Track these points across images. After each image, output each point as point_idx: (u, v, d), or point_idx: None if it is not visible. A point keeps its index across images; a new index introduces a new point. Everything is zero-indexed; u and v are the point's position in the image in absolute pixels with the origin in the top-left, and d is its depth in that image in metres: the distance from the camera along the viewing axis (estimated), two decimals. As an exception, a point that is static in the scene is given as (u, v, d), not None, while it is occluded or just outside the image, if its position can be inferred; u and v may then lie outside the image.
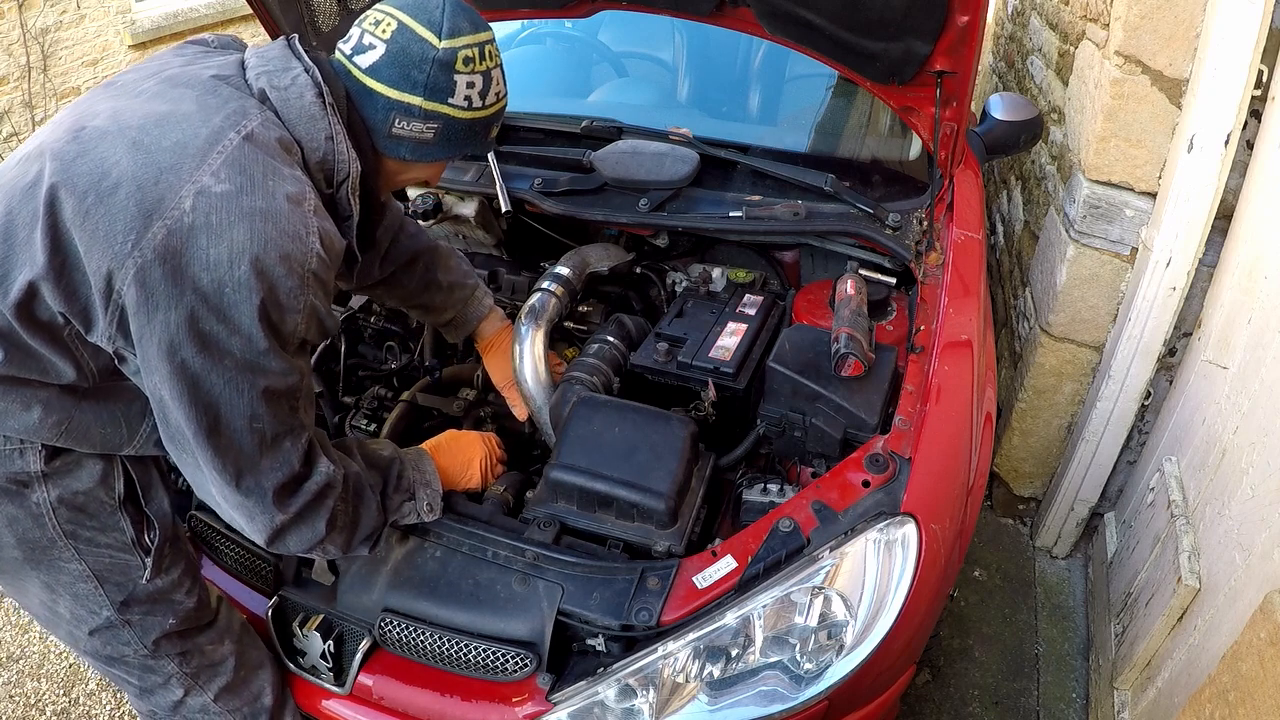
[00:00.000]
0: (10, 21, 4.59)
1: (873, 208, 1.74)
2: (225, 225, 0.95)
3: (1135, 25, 1.76)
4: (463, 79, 1.14)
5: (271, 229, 0.97)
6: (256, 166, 0.99)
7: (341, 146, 1.12)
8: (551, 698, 1.19)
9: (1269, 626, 1.09)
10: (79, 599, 1.17)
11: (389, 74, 1.13)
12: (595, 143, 1.96)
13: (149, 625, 1.21)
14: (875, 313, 1.62)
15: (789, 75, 2.36)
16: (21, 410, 1.06)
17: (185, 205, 0.94)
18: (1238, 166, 1.76)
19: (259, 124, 1.04)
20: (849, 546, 1.19)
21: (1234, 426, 1.62)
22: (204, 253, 0.94)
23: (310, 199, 1.03)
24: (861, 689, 1.22)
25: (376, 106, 1.15)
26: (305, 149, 1.09)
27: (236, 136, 1.00)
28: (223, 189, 0.96)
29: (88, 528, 1.15)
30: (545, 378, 1.61)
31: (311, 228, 1.02)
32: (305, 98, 1.09)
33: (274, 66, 1.11)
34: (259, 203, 0.97)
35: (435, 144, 1.19)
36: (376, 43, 1.13)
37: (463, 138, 1.20)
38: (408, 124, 1.16)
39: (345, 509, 1.15)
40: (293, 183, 1.02)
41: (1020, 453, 2.42)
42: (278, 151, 1.04)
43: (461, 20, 1.14)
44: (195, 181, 0.95)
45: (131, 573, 1.18)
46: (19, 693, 2.11)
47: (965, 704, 2.03)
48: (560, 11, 1.95)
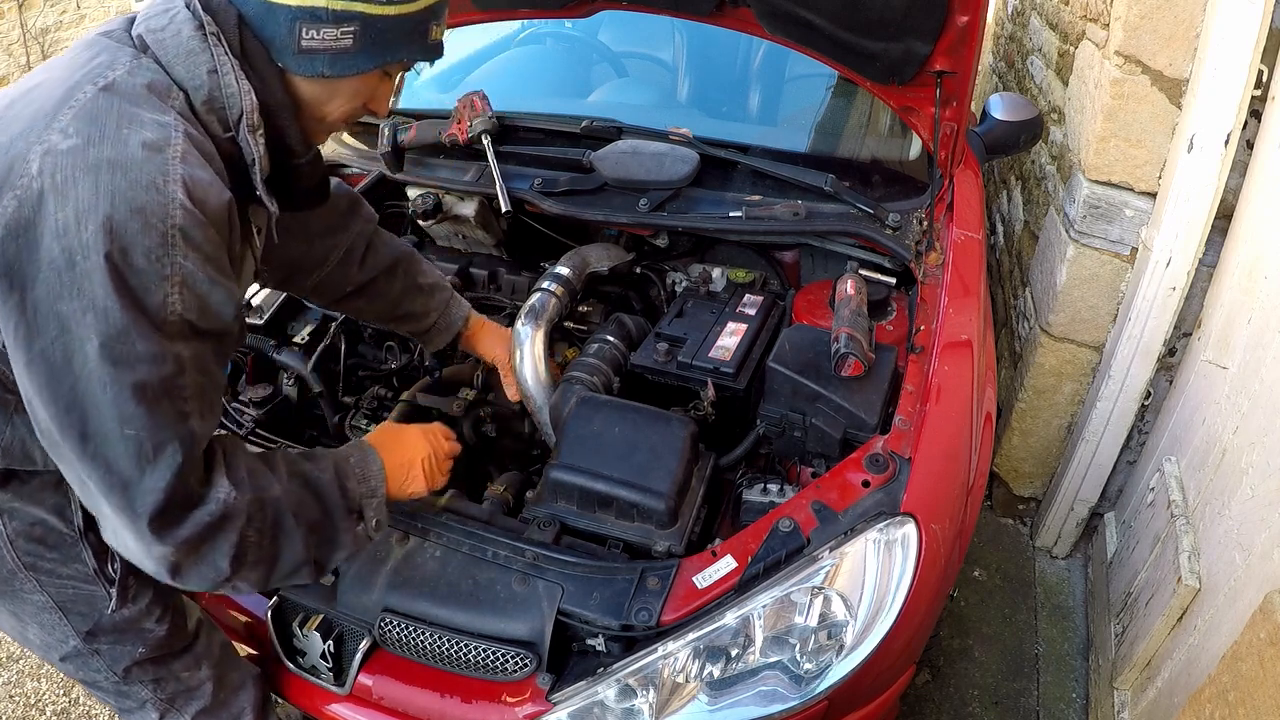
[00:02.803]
0: (10, 21, 4.59)
1: (873, 208, 1.74)
2: (71, 183, 0.84)
3: (1135, 25, 1.76)
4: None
5: (120, 179, 0.85)
6: (110, 115, 0.88)
7: (229, 79, 0.98)
8: (551, 698, 1.19)
9: (1269, 626, 1.09)
10: (45, 628, 1.13)
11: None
12: (595, 143, 1.96)
13: (118, 654, 1.17)
14: (875, 313, 1.62)
15: (789, 75, 2.36)
16: None
17: (32, 169, 0.84)
18: (1238, 166, 1.76)
19: (124, 72, 0.93)
20: (849, 546, 1.19)
21: (1234, 426, 1.62)
22: (53, 219, 0.83)
23: (176, 145, 0.90)
24: (861, 689, 1.22)
25: (279, 20, 0.99)
26: (189, 90, 0.97)
27: (93, 89, 0.90)
28: (69, 144, 0.85)
29: (48, 560, 1.09)
30: (545, 378, 1.61)
31: (172, 175, 0.88)
32: (183, 33, 0.97)
33: (154, 11, 1.00)
34: (106, 152, 0.85)
35: (358, 51, 1.02)
36: None
37: (391, 39, 1.04)
38: (318, 31, 0.99)
39: (258, 542, 0.97)
40: (154, 128, 0.89)
41: (1020, 453, 2.42)
42: (143, 97, 0.92)
43: None
44: (43, 141, 0.85)
45: (97, 603, 1.13)
46: (19, 693, 2.11)
47: (965, 704, 2.03)
48: (560, 11, 1.95)
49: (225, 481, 0.94)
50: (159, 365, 0.87)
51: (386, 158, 1.99)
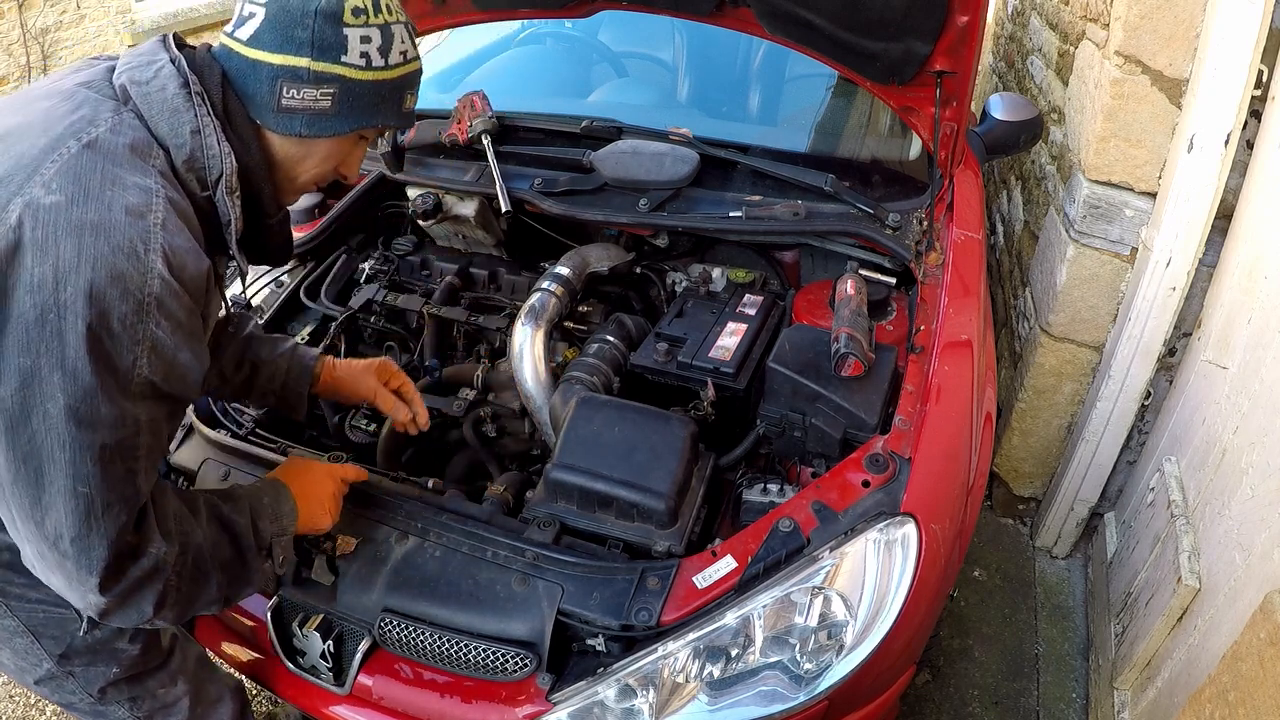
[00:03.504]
0: (10, 21, 4.59)
1: (873, 208, 1.74)
2: (52, 241, 0.83)
3: (1135, 25, 1.76)
4: (355, 33, 1.02)
5: (103, 244, 0.85)
6: (94, 175, 0.88)
7: (211, 140, 0.99)
8: (551, 698, 1.19)
9: (1269, 626, 1.09)
10: (18, 653, 1.13)
11: (270, 38, 1.00)
12: (595, 143, 1.96)
13: (92, 675, 1.16)
14: (875, 313, 1.62)
15: (789, 75, 2.36)
16: None
17: (11, 220, 0.84)
18: (1238, 166, 1.76)
19: (107, 129, 0.93)
20: (849, 546, 1.19)
21: (1234, 426, 1.62)
22: (29, 273, 0.83)
23: (157, 211, 0.91)
24: (861, 689, 1.22)
25: (260, 78, 1.02)
26: (170, 148, 0.98)
27: (76, 144, 0.90)
28: (52, 200, 0.85)
29: (17, 584, 1.08)
30: (545, 378, 1.61)
31: (153, 244, 0.88)
32: (167, 90, 0.98)
33: (139, 62, 1.01)
34: (90, 215, 0.85)
35: (335, 114, 1.05)
36: (255, 9, 1.01)
37: (367, 104, 1.06)
38: (298, 91, 1.02)
39: (178, 585, 0.99)
40: (137, 193, 0.90)
41: (1020, 453, 2.42)
42: (126, 158, 0.92)
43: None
44: (25, 193, 0.85)
45: (68, 626, 1.12)
46: (19, 692, 2.10)
47: (965, 704, 2.03)
48: (560, 11, 1.95)
49: (158, 535, 0.95)
50: (119, 428, 0.88)
51: (386, 157, 1.99)
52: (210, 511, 1.07)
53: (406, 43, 1.09)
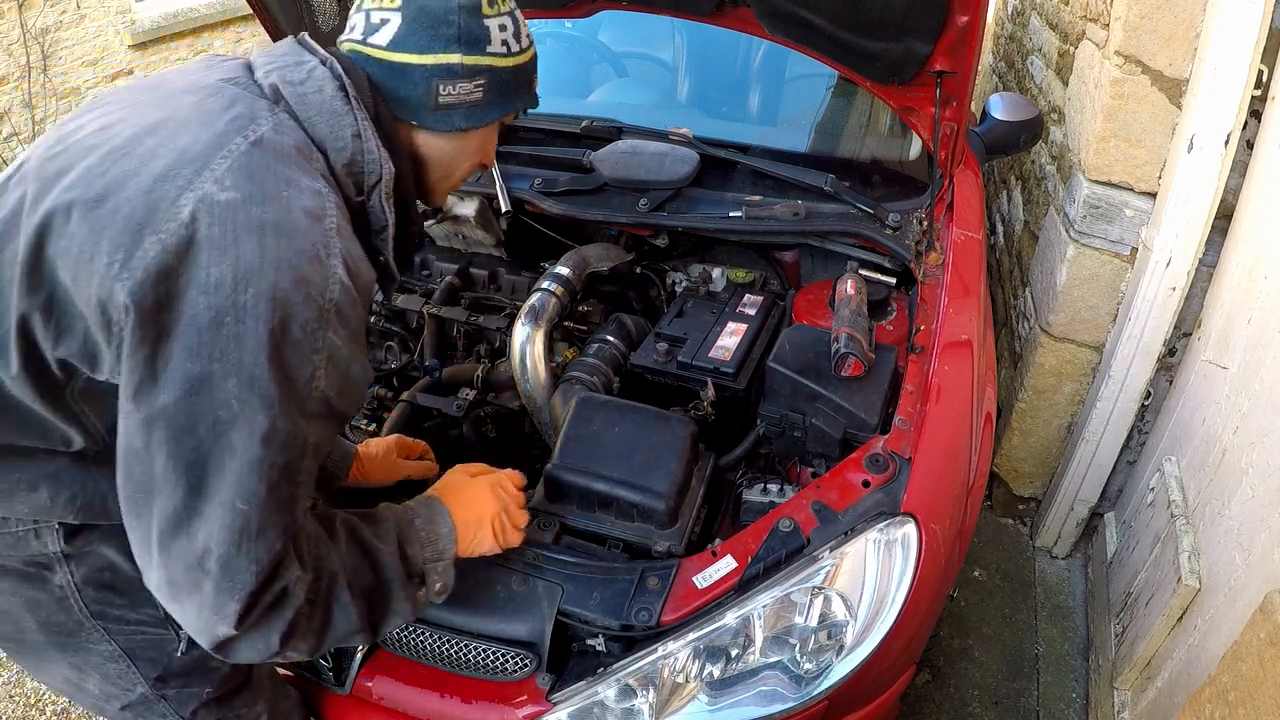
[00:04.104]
0: (10, 21, 4.59)
1: (873, 208, 1.74)
2: (231, 239, 0.80)
3: (1135, 25, 1.76)
4: (494, 22, 1.04)
5: (286, 246, 0.81)
6: (268, 174, 0.85)
7: (371, 144, 0.99)
8: (551, 698, 1.19)
9: (1269, 626, 1.09)
10: (109, 678, 1.07)
11: (416, 40, 1.00)
12: (595, 143, 1.96)
13: (185, 697, 1.11)
14: (875, 313, 1.62)
15: (789, 75, 2.36)
16: (28, 491, 0.93)
17: (183, 215, 0.80)
18: (1238, 166, 1.76)
19: (271, 128, 0.90)
20: (849, 546, 1.19)
21: (1234, 426, 1.62)
22: (204, 272, 0.79)
23: (331, 216, 0.88)
24: (861, 689, 1.22)
25: (414, 80, 1.02)
26: (329, 152, 0.96)
27: (244, 141, 0.87)
28: (228, 197, 0.81)
29: (117, 606, 1.03)
30: (545, 378, 1.61)
31: (333, 249, 0.86)
32: (325, 91, 0.96)
33: (285, 62, 0.99)
34: (270, 214, 0.82)
35: (487, 103, 1.07)
36: (388, 15, 1.01)
37: (511, 89, 1.09)
38: (454, 87, 1.03)
39: (310, 614, 0.92)
40: (311, 194, 0.87)
41: (1020, 453, 2.42)
42: (294, 159, 0.90)
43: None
44: (196, 188, 0.81)
45: (165, 646, 1.08)
46: (19, 693, 2.11)
47: (965, 704, 2.03)
48: (560, 11, 1.95)
49: (294, 560, 0.89)
50: (289, 448, 0.84)
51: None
52: (349, 535, 1.00)
53: (525, 25, 1.11)
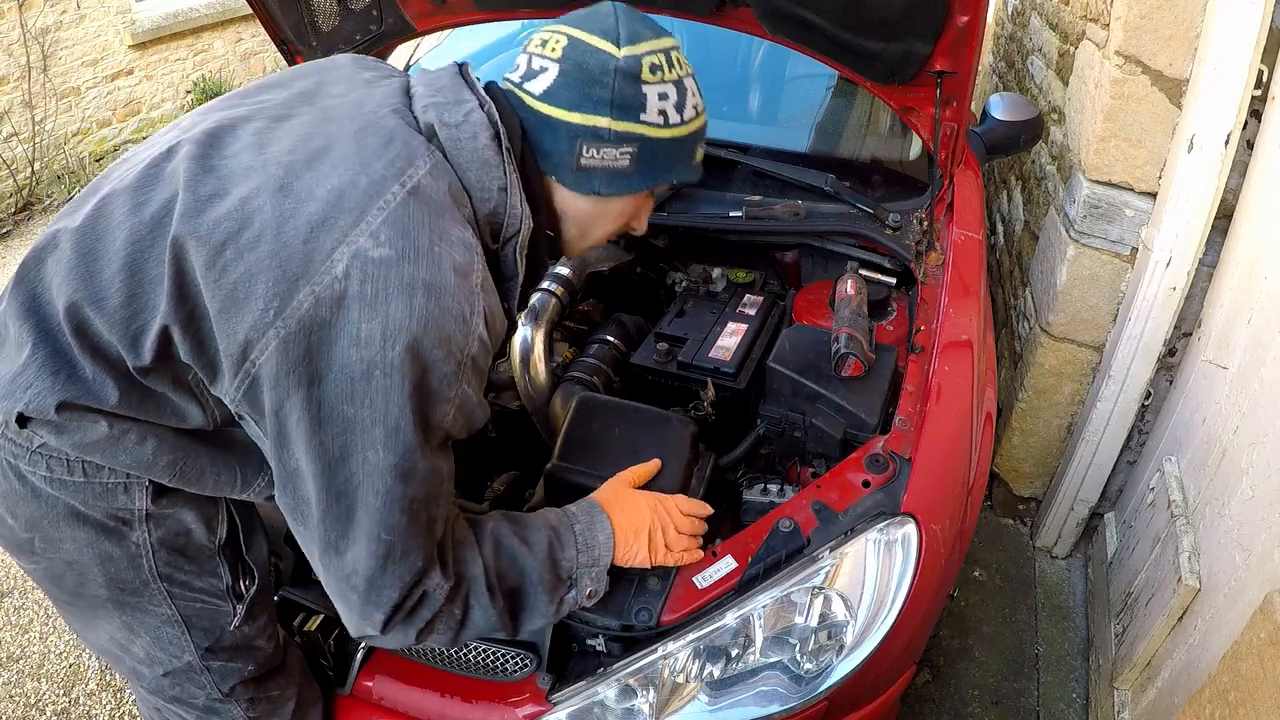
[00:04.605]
0: (10, 21, 4.59)
1: (873, 208, 1.74)
2: (382, 297, 0.82)
3: (1135, 25, 1.76)
4: (653, 90, 1.00)
5: (434, 306, 0.84)
6: (422, 229, 0.86)
7: (515, 200, 0.97)
8: (551, 698, 1.19)
9: (1269, 626, 1.09)
10: (160, 642, 1.09)
11: (568, 95, 0.98)
12: (595, 143, 1.95)
13: (228, 672, 1.13)
14: (875, 313, 1.62)
15: (789, 75, 2.36)
16: (136, 444, 0.95)
17: (338, 270, 0.82)
18: (1238, 166, 1.76)
19: (427, 172, 0.90)
20: (849, 546, 1.18)
21: (1234, 426, 1.62)
22: (355, 326, 0.82)
23: (478, 270, 0.90)
24: (861, 689, 1.22)
25: (559, 136, 0.99)
26: (474, 199, 0.96)
27: (401, 190, 0.87)
28: (381, 254, 0.83)
29: (185, 571, 1.06)
30: (545, 378, 1.61)
31: (477, 306, 0.88)
32: (479, 139, 0.95)
33: (445, 98, 0.97)
34: (422, 273, 0.83)
35: (633, 172, 1.03)
36: (547, 64, 0.99)
37: (664, 161, 1.05)
38: (598, 151, 1.00)
39: (449, 612, 0.97)
40: (461, 249, 0.88)
41: (1020, 453, 2.42)
42: (447, 207, 0.90)
43: (639, 25, 1.01)
44: (351, 242, 0.83)
45: (221, 619, 1.10)
46: (19, 693, 2.11)
47: (965, 704, 2.03)
48: (560, 11, 1.94)
49: (438, 573, 0.94)
50: (429, 482, 0.89)
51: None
52: (496, 541, 1.03)
53: (696, 96, 1.07)
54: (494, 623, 1.01)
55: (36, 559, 1.03)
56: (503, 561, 1.02)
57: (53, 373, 0.90)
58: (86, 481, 0.97)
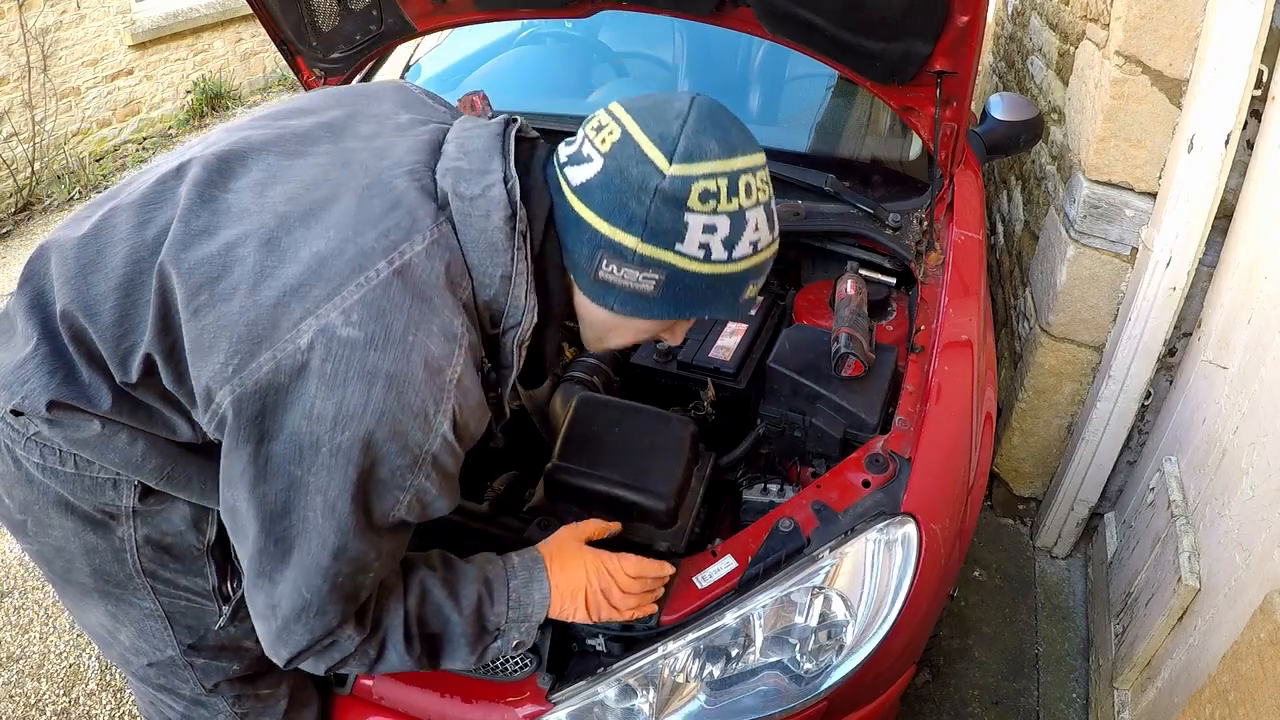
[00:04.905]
0: (10, 21, 4.59)
1: (873, 208, 1.74)
2: (340, 380, 0.79)
3: (1135, 25, 1.76)
4: (698, 220, 0.87)
5: (393, 400, 0.80)
6: (398, 314, 0.80)
7: (519, 293, 0.90)
8: (551, 698, 1.19)
9: (1269, 626, 1.09)
10: (143, 635, 1.09)
11: (600, 199, 0.88)
12: (595, 143, 1.95)
13: (212, 670, 1.13)
14: (875, 313, 1.62)
15: (789, 75, 2.36)
16: (126, 445, 0.95)
17: (302, 341, 0.79)
18: (1238, 166, 1.76)
19: (422, 250, 0.84)
20: (849, 546, 1.18)
21: (1234, 426, 1.62)
22: (310, 400, 0.79)
23: (456, 364, 0.84)
24: (861, 689, 1.22)
25: (582, 239, 0.90)
26: (475, 282, 0.89)
27: (386, 268, 0.81)
28: (349, 334, 0.79)
29: (169, 569, 1.06)
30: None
31: (444, 405, 0.83)
32: (491, 220, 0.87)
33: (470, 164, 0.90)
34: (386, 363, 0.79)
35: (657, 299, 0.92)
36: (594, 154, 0.89)
37: (697, 296, 0.92)
38: (618, 268, 0.89)
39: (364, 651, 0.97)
40: (440, 341, 0.83)
41: (1020, 453, 2.42)
42: (438, 289, 0.84)
43: (706, 139, 0.87)
44: (321, 315, 0.79)
45: (206, 619, 1.10)
46: (19, 693, 2.11)
47: (965, 704, 2.03)
48: (560, 11, 1.95)
49: (352, 627, 0.93)
50: (361, 560, 0.87)
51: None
52: (423, 592, 1.00)
53: (762, 229, 0.92)
54: (410, 664, 1.00)
55: (30, 540, 1.05)
56: (427, 610, 1.01)
57: (50, 371, 0.91)
58: (77, 473, 0.98)
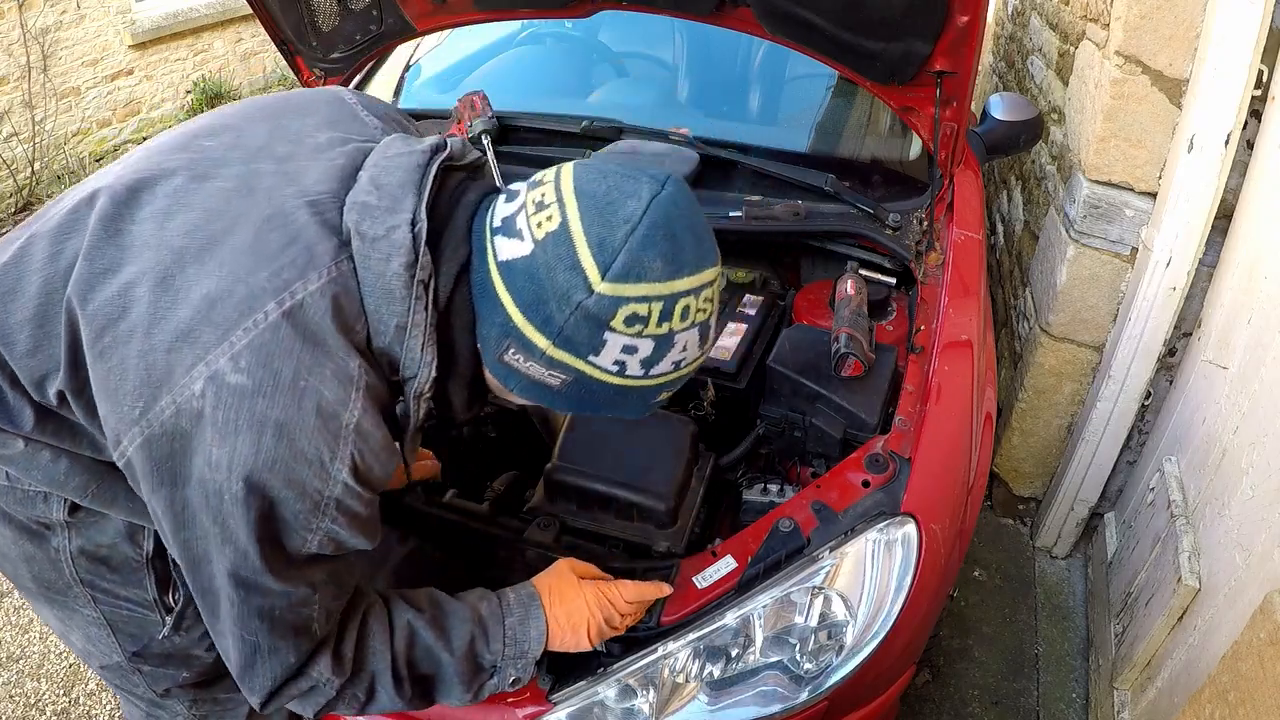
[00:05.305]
0: (10, 21, 4.59)
1: (873, 208, 1.74)
2: (231, 428, 0.77)
3: (1135, 25, 1.76)
4: (618, 340, 0.82)
5: (284, 448, 0.78)
6: (288, 359, 0.78)
7: (415, 344, 0.85)
8: (551, 698, 1.19)
9: (1269, 626, 1.09)
10: (90, 640, 1.10)
11: (521, 287, 0.83)
12: (595, 143, 1.96)
13: (160, 676, 1.13)
14: (875, 313, 1.62)
15: (789, 75, 2.36)
16: (50, 463, 0.95)
17: (195, 388, 0.78)
18: (1238, 166, 1.76)
19: (316, 290, 0.80)
20: (849, 546, 1.18)
21: (1234, 426, 1.62)
22: (208, 448, 0.78)
23: (354, 410, 0.81)
24: (861, 689, 1.22)
25: (495, 319, 0.86)
26: (371, 328, 0.85)
27: (275, 310, 0.78)
28: (237, 382, 0.77)
29: (108, 579, 1.06)
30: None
31: (341, 450, 0.80)
32: (391, 265, 0.82)
33: (379, 200, 0.84)
34: (275, 412, 0.77)
35: (561, 395, 0.89)
36: (527, 235, 0.83)
37: (603, 400, 0.89)
38: (525, 359, 0.86)
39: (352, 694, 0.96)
40: (334, 385, 0.80)
41: (1020, 453, 2.42)
42: (330, 331, 0.81)
43: (651, 256, 0.80)
44: (210, 362, 0.78)
45: (149, 628, 1.09)
46: (19, 693, 2.11)
47: (965, 704, 2.03)
48: (560, 11, 1.95)
49: (326, 662, 0.92)
50: (288, 597, 0.86)
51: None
52: (410, 635, 0.99)
53: (690, 349, 0.87)
54: (402, 705, 0.99)
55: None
56: (416, 653, 0.99)
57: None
58: (9, 485, 0.99)
